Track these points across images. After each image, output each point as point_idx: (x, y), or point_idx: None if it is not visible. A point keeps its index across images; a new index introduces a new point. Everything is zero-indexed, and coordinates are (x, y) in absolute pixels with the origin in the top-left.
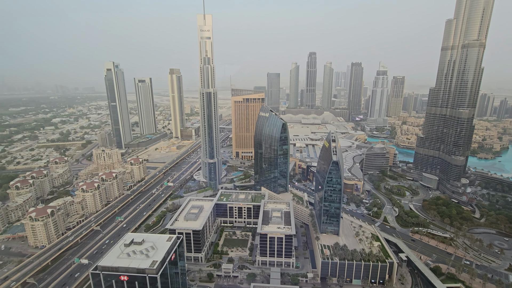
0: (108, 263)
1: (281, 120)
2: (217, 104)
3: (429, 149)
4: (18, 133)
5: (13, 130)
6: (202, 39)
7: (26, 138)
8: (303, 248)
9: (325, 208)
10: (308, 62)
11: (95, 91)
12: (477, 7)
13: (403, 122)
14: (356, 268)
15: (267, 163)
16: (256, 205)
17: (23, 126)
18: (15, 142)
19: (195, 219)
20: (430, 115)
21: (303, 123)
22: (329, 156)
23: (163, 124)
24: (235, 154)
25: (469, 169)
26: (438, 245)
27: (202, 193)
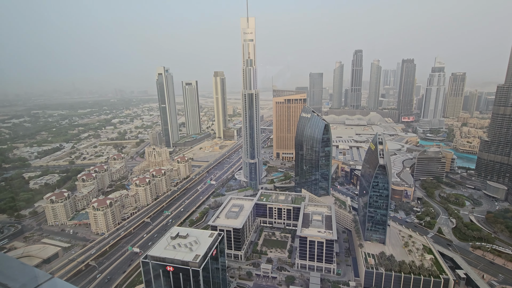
0: (157, 253)
1: (323, 121)
2: (258, 105)
3: (495, 154)
4: (84, 132)
5: (81, 129)
6: (245, 41)
7: (91, 137)
8: (345, 254)
9: (370, 214)
10: (353, 61)
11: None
12: None
13: (463, 124)
14: (405, 281)
15: (308, 164)
16: (296, 207)
17: (89, 126)
18: (82, 140)
19: (236, 218)
20: (498, 115)
21: (347, 124)
22: (375, 159)
23: (207, 125)
24: (276, 155)
25: None
26: (506, 264)
27: (243, 193)
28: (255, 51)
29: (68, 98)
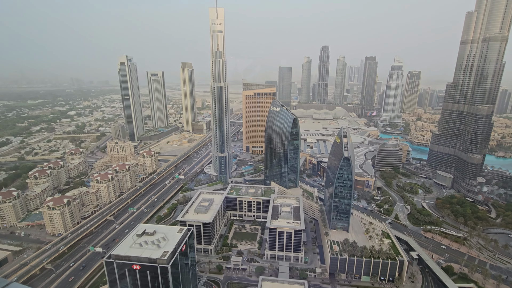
0: (121, 252)
1: (292, 115)
2: (228, 98)
3: (444, 147)
4: (36, 124)
5: (31, 122)
6: (214, 32)
7: (44, 130)
8: (312, 243)
9: (335, 204)
10: (320, 56)
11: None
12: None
13: (417, 118)
14: (366, 265)
15: (277, 158)
16: (265, 200)
17: (41, 118)
18: (33, 133)
19: (205, 212)
20: (447, 111)
21: (314, 118)
22: (340, 152)
23: (174, 118)
24: (246, 149)
25: (486, 168)
26: (451, 244)
27: (213, 187)
28: (224, 43)
29: (15, 87)
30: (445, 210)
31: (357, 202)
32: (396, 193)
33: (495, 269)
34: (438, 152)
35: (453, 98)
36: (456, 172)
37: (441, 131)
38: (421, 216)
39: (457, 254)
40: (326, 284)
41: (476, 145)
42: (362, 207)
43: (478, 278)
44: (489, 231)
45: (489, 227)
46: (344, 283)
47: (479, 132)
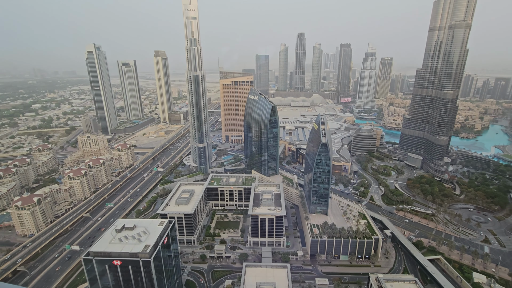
0: (100, 249)
1: (271, 103)
2: (205, 87)
3: (414, 130)
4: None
5: None
6: (187, 19)
7: (5, 125)
8: (293, 228)
9: (314, 189)
10: (297, 44)
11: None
12: None
13: (390, 104)
14: (344, 245)
15: (257, 146)
16: (247, 188)
17: (1, 113)
18: None
19: (187, 203)
20: (416, 96)
21: (292, 106)
22: (318, 139)
23: (150, 109)
24: (225, 138)
25: (451, 149)
26: (421, 221)
27: (193, 178)
28: (198, 30)
29: None
30: (415, 190)
31: (335, 186)
32: (371, 176)
33: (459, 241)
34: (409, 135)
35: (422, 84)
36: (425, 154)
37: (412, 115)
38: (394, 197)
39: (426, 230)
40: (307, 265)
41: (442, 128)
42: (339, 191)
43: (445, 250)
44: (454, 207)
45: (454, 203)
46: (324, 263)
47: (446, 115)
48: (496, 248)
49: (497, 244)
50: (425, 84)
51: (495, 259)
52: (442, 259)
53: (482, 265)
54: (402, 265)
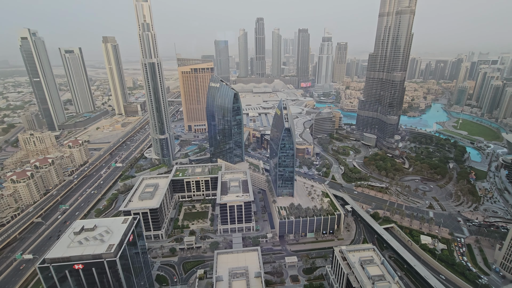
0: (58, 254)
1: (233, 90)
2: (163, 75)
3: (368, 111)
4: None
5: None
6: (137, 1)
7: None
8: (261, 212)
9: (280, 173)
10: (256, 29)
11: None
12: None
13: (346, 87)
14: (310, 223)
15: (221, 134)
16: (213, 177)
17: None
18: None
19: (151, 198)
20: (370, 79)
21: (254, 92)
22: (281, 124)
23: (102, 101)
24: (188, 128)
25: (400, 127)
26: (376, 194)
27: (156, 171)
28: (151, 14)
29: None
30: (371, 166)
31: (299, 168)
32: (332, 157)
33: (409, 209)
34: (364, 116)
35: (374, 67)
36: (378, 133)
37: (366, 98)
38: (352, 174)
39: (381, 202)
40: (277, 246)
41: (393, 108)
42: (304, 173)
43: (397, 218)
44: (404, 179)
45: (404, 176)
46: (292, 242)
47: (395, 96)
48: (438, 212)
49: (439, 209)
50: (377, 67)
51: (438, 222)
52: (395, 227)
53: (428, 228)
54: (362, 236)
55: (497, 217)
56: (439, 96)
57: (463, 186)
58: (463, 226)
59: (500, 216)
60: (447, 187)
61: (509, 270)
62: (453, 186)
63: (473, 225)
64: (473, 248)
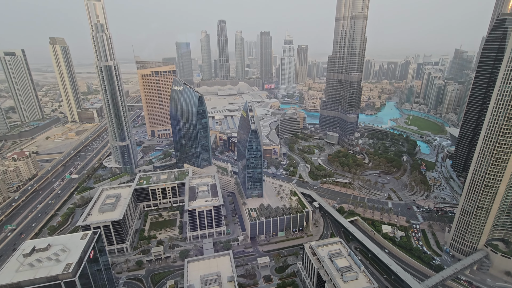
0: (4, 281)
1: (197, 93)
2: (120, 79)
3: (330, 111)
4: None
5: None
6: (89, 1)
7: None
8: (232, 215)
9: (248, 175)
10: (218, 31)
11: None
12: None
13: (309, 88)
14: (280, 222)
15: (187, 139)
16: (180, 183)
17: None
18: None
19: (113, 209)
20: (330, 80)
21: (219, 95)
22: (247, 126)
23: (52, 107)
24: (151, 133)
25: (359, 125)
26: (341, 189)
27: (117, 180)
28: (105, 14)
29: None
30: (335, 163)
31: (267, 169)
32: (298, 156)
33: (370, 202)
34: (326, 116)
35: (333, 69)
36: (340, 131)
37: (327, 98)
38: (318, 172)
39: (345, 197)
40: (249, 248)
41: (352, 107)
42: (272, 173)
43: (360, 211)
44: (364, 173)
45: (364, 170)
46: (264, 243)
47: (353, 96)
48: (396, 203)
49: (397, 199)
50: (335, 69)
51: (396, 211)
52: (359, 219)
53: (388, 218)
54: (330, 230)
55: (445, 203)
56: (391, 95)
57: (416, 177)
58: (418, 214)
59: (448, 202)
60: (402, 178)
61: (457, 250)
62: (407, 177)
63: (425, 211)
64: (427, 233)
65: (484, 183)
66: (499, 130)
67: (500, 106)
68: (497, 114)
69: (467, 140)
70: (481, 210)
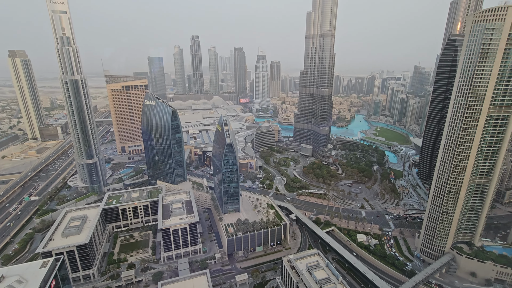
0: None
1: (171, 108)
2: (88, 93)
3: (304, 124)
4: None
5: None
6: (54, 13)
7: None
8: (208, 232)
9: (225, 190)
10: (191, 46)
11: None
12: (326, 2)
13: (282, 102)
14: (258, 237)
15: (160, 154)
16: (153, 201)
17: None
18: None
19: (78, 232)
20: (302, 94)
21: (194, 109)
22: (223, 140)
23: (10, 124)
24: (121, 150)
25: (332, 137)
26: (317, 201)
27: (83, 201)
28: (72, 27)
29: None
30: (310, 175)
31: (243, 183)
32: (274, 169)
33: (345, 211)
34: (300, 128)
35: (305, 83)
36: (313, 143)
37: (300, 111)
38: (294, 184)
39: (321, 207)
40: (227, 265)
41: (324, 120)
42: (248, 187)
43: (336, 221)
44: (338, 184)
45: (338, 181)
46: (242, 259)
47: (325, 109)
48: (369, 211)
49: (370, 208)
50: (307, 83)
51: (369, 220)
52: (335, 229)
53: (362, 226)
54: (307, 242)
55: (414, 210)
56: (360, 108)
57: (386, 186)
58: (390, 221)
59: (416, 208)
60: (373, 187)
61: (427, 254)
62: (378, 186)
63: (396, 218)
64: (399, 239)
65: (446, 189)
66: (457, 139)
67: (456, 117)
68: (454, 124)
69: (430, 149)
70: (446, 215)
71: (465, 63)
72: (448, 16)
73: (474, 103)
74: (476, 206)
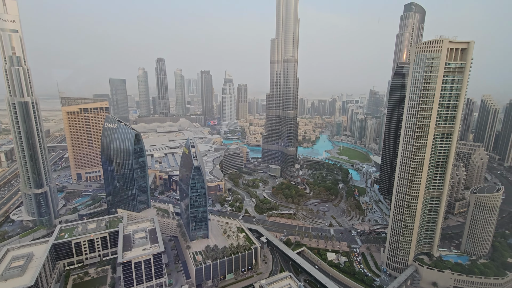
0: None
1: (133, 131)
2: (40, 116)
3: (271, 145)
4: None
5: None
6: (3, 31)
7: None
8: (174, 262)
9: (192, 215)
10: (157, 68)
11: None
12: (289, 31)
13: (250, 124)
14: (228, 264)
15: (121, 180)
16: (113, 232)
17: None
18: None
19: (22, 274)
20: (269, 116)
21: (159, 132)
22: (190, 163)
23: None
24: (77, 177)
25: (299, 157)
26: (287, 221)
27: (29, 236)
28: (23, 46)
29: None
30: (279, 196)
31: (212, 207)
32: (243, 190)
33: (314, 231)
34: (268, 149)
35: (271, 106)
36: (281, 164)
37: (268, 133)
38: (263, 205)
39: (291, 228)
40: None
41: (291, 141)
42: (217, 210)
43: (306, 241)
44: (307, 203)
45: (306, 200)
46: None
47: (291, 131)
48: (337, 229)
49: (338, 225)
50: (273, 106)
51: (338, 237)
52: (306, 249)
53: (331, 245)
54: (279, 265)
55: (378, 225)
56: (324, 129)
57: (351, 203)
58: (356, 237)
59: (380, 223)
60: (340, 205)
61: (392, 268)
62: (344, 204)
63: (362, 234)
64: (366, 255)
65: (405, 203)
66: (410, 156)
67: (408, 136)
68: (407, 143)
69: (388, 166)
70: (407, 228)
71: (412, 88)
72: (395, 46)
73: (423, 123)
74: (432, 218)
